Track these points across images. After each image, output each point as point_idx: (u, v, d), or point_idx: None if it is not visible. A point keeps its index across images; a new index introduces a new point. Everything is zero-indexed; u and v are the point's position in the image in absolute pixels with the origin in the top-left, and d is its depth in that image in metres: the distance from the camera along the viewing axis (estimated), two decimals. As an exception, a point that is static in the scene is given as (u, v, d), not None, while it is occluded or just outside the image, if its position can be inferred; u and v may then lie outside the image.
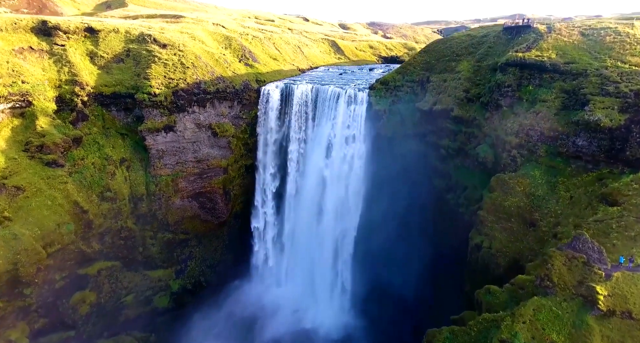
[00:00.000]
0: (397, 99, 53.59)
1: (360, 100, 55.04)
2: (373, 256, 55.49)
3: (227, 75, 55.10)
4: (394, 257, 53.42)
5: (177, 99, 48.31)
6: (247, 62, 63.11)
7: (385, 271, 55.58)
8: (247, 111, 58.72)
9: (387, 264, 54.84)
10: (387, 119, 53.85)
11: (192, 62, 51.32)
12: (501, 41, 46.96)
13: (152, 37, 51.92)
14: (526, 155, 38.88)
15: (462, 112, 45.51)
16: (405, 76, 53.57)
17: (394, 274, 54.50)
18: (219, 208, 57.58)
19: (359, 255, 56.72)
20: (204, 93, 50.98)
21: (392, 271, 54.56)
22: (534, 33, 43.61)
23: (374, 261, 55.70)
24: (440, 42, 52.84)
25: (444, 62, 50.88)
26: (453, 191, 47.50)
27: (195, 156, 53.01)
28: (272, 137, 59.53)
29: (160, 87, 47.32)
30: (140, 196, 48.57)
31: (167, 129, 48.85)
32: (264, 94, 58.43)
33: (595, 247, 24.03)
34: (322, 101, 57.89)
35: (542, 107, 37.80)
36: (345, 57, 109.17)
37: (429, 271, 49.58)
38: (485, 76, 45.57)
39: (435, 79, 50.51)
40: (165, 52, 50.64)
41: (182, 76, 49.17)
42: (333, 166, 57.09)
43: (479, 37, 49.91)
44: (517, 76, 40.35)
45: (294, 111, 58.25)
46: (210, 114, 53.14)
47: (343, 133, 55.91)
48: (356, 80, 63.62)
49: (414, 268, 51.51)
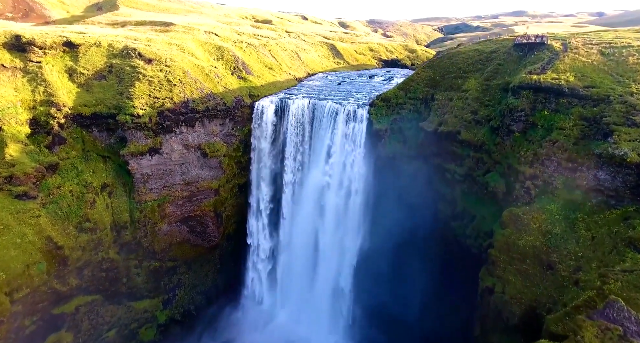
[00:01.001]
0: (399, 117, 50.24)
1: (359, 117, 51.69)
2: (375, 283, 52.28)
3: (218, 91, 51.61)
4: (398, 286, 50.24)
5: (162, 120, 44.84)
6: (240, 75, 59.62)
7: (388, 300, 52.41)
8: (239, 127, 55.31)
9: (390, 292, 51.64)
10: (389, 139, 50.53)
11: (180, 78, 47.82)
12: (512, 58, 43.59)
13: (136, 52, 48.37)
14: (541, 186, 35.64)
15: (470, 136, 42.19)
16: (408, 92, 50.20)
17: (398, 304, 51.30)
18: (210, 232, 54.22)
19: (360, 282, 53.56)
20: (193, 112, 47.52)
21: (396, 300, 51.36)
22: (548, 51, 40.30)
23: (376, 288, 52.50)
24: (446, 56, 49.43)
25: (449, 79, 47.53)
26: (459, 219, 44.22)
27: (183, 179, 49.60)
28: (267, 155, 56.23)
29: (145, 108, 43.82)
30: (123, 224, 45.14)
31: (152, 152, 45.39)
32: (258, 110, 55.05)
33: (633, 317, 20.81)
34: (320, 117, 54.54)
35: (559, 135, 34.50)
36: (345, 62, 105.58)
37: (435, 304, 46.40)
38: (495, 96, 42.25)
39: (440, 98, 47.16)
40: (151, 68, 47.10)
41: (168, 95, 45.66)
42: (331, 186, 53.89)
43: (488, 53, 46.53)
44: (531, 100, 37.05)
45: (289, 128, 54.92)
46: (200, 134, 49.69)
47: (342, 152, 52.69)
48: (355, 92, 60.29)
49: (419, 299, 48.37)
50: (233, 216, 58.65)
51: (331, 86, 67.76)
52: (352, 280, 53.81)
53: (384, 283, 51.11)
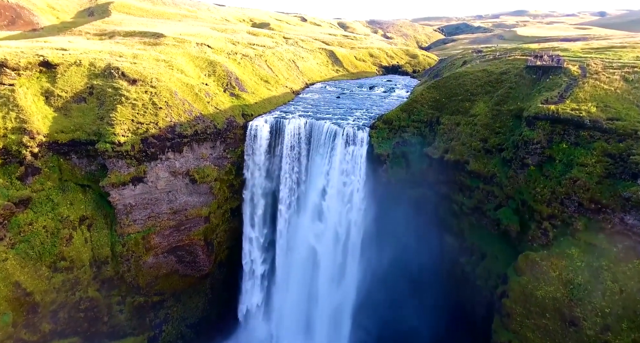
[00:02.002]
0: (402, 141, 46.96)
1: (359, 140, 48.38)
2: (376, 320, 48.93)
3: (208, 112, 48.21)
4: (400, 326, 46.85)
5: (146, 147, 41.41)
6: (232, 92, 56.21)
7: (391, 335, 49.02)
8: (232, 149, 51.87)
9: (392, 334, 48.21)
10: (391, 164, 47.23)
11: (166, 100, 44.41)
12: (524, 81, 40.38)
13: (120, 71, 44.96)
14: (560, 227, 32.36)
15: (480, 167, 38.93)
16: (412, 114, 46.94)
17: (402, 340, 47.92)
18: (200, 261, 50.72)
19: (361, 314, 50.22)
20: (180, 137, 44.12)
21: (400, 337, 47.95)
22: (565, 75, 37.09)
23: (377, 324, 49.15)
24: (452, 78, 46.18)
25: (456, 102, 44.28)
26: (467, 255, 40.93)
27: (170, 207, 46.15)
28: (261, 179, 52.82)
29: (127, 135, 40.40)
30: (104, 259, 41.71)
31: (135, 181, 41.97)
32: (251, 130, 51.64)
33: None
34: (317, 139, 51.21)
35: (581, 173, 31.25)
36: (344, 69, 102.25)
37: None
38: (507, 123, 39.01)
39: (447, 122, 43.91)
40: (135, 89, 43.69)
41: (153, 119, 42.25)
42: (329, 213, 50.56)
43: (497, 74, 43.30)
44: (548, 131, 33.79)
45: (285, 150, 51.52)
46: (188, 159, 46.28)
47: (340, 177, 49.36)
48: (355, 109, 57.02)
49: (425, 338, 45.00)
50: (225, 241, 55.21)
51: (330, 101, 64.56)
52: (352, 312, 50.52)
53: (386, 323, 47.75)
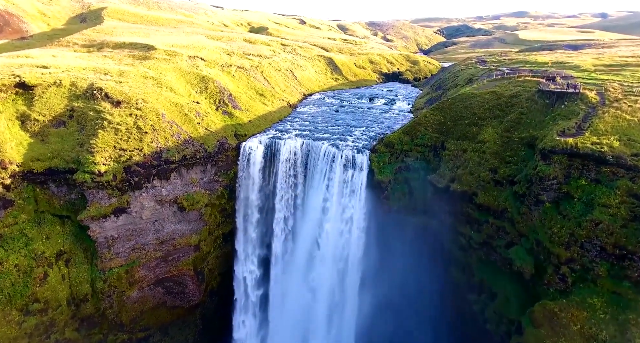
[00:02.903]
0: (405, 166, 44.12)
1: (359, 165, 45.51)
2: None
3: (198, 134, 45.26)
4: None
5: (129, 176, 38.42)
6: (225, 110, 53.30)
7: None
8: (224, 171, 48.91)
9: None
10: (392, 190, 44.36)
11: (152, 124, 41.44)
12: (537, 107, 37.59)
13: (103, 92, 41.99)
14: (579, 272, 29.50)
15: (489, 200, 36.06)
16: (415, 138, 44.09)
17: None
18: (189, 291, 47.67)
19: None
20: (167, 163, 41.15)
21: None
22: (582, 102, 34.31)
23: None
24: (458, 99, 43.37)
25: (462, 126, 41.46)
26: (476, 293, 37.99)
27: (157, 237, 43.12)
28: (255, 204, 49.84)
29: (108, 163, 37.40)
30: (83, 296, 38.63)
31: (117, 212, 38.95)
32: (244, 152, 48.72)
33: None
34: (314, 162, 48.33)
35: (603, 214, 28.41)
36: (343, 78, 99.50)
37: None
38: (518, 153, 36.19)
39: (452, 147, 41.08)
40: (118, 112, 40.72)
41: (137, 145, 39.27)
42: (327, 242, 47.63)
43: (507, 97, 40.50)
44: (565, 166, 30.97)
45: (280, 173, 48.60)
46: (176, 186, 43.29)
47: (339, 203, 46.46)
48: (354, 127, 54.18)
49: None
50: (217, 268, 52.17)
51: (328, 115, 61.81)
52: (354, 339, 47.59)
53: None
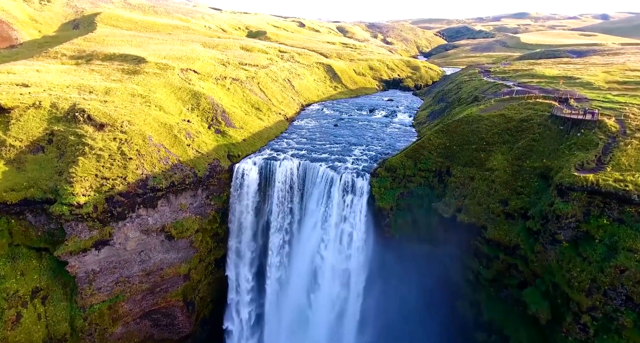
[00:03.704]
0: (407, 192, 41.50)
1: (359, 189, 42.87)
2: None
3: (188, 157, 42.55)
4: None
5: (112, 207, 35.66)
6: (218, 128, 50.62)
7: None
8: (216, 194, 46.18)
9: None
10: (394, 218, 41.77)
11: (138, 148, 38.71)
12: (550, 133, 35.01)
13: (85, 114, 39.27)
14: (602, 321, 26.86)
15: (499, 235, 33.40)
16: (418, 162, 41.45)
17: None
18: (179, 323, 44.87)
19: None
20: (153, 191, 38.40)
21: None
22: (601, 131, 31.73)
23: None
24: (464, 122, 40.77)
25: (469, 151, 38.86)
26: (484, 332, 35.30)
27: (143, 268, 40.33)
28: (248, 229, 47.13)
29: (89, 193, 34.64)
30: (61, 336, 35.78)
31: (99, 245, 36.16)
32: (238, 174, 45.99)
33: None
34: (311, 184, 45.73)
35: (629, 261, 25.78)
36: (342, 86, 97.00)
37: None
38: (530, 183, 33.57)
39: (458, 174, 38.45)
40: (102, 136, 37.98)
41: (121, 173, 36.52)
42: (324, 269, 44.97)
43: (517, 121, 37.91)
44: (584, 203, 28.35)
45: (275, 197, 45.92)
46: (164, 213, 40.53)
47: (337, 230, 43.82)
48: (354, 145, 51.73)
49: None
50: (209, 295, 49.40)
51: (326, 130, 59.33)
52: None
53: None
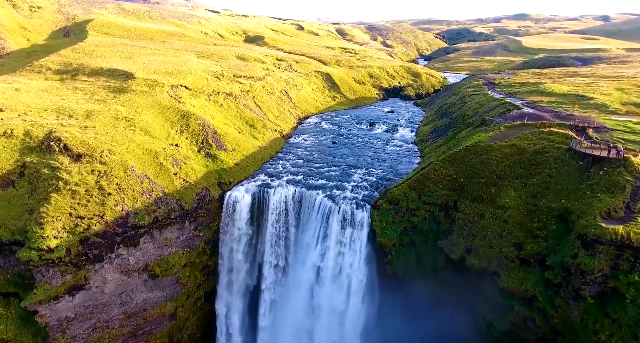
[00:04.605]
0: (411, 227, 38.40)
1: (359, 222, 39.82)
2: None
3: (174, 188, 39.36)
4: None
5: (87, 249, 32.41)
6: (209, 152, 47.48)
7: None
8: (206, 224, 43.02)
9: None
10: (397, 254, 38.65)
11: (118, 181, 35.49)
12: (568, 170, 31.99)
13: (62, 144, 36.07)
14: (633, 393, 23.83)
15: (514, 283, 30.29)
16: (423, 194, 38.35)
17: None
18: (164, 364, 41.65)
19: None
20: (135, 228, 35.17)
21: None
22: (627, 171, 28.70)
23: None
24: (472, 152, 37.73)
25: (478, 185, 35.78)
26: (497, 388, 32.21)
27: (124, 311, 37.07)
28: (239, 264, 43.96)
29: (61, 235, 31.39)
30: (31, 392, 32.48)
31: (73, 291, 32.90)
32: (229, 204, 42.87)
33: None
34: (308, 214, 42.69)
35: (666, 327, 22.79)
36: (341, 96, 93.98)
37: None
38: (548, 225, 30.50)
39: (467, 210, 35.35)
40: (78, 169, 34.76)
41: (98, 210, 33.27)
42: (320, 308, 41.84)
43: (531, 154, 34.87)
44: (612, 256, 25.33)
45: (269, 228, 42.84)
46: (147, 251, 37.30)
47: (335, 265, 40.73)
48: (353, 167, 48.95)
49: None
50: (198, 330, 46.16)
51: (324, 149, 56.50)
52: None
53: None
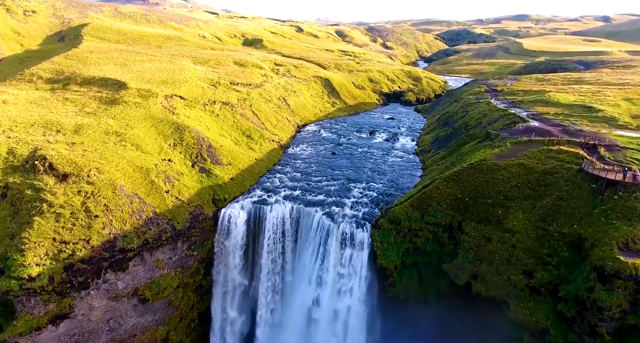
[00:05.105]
0: (414, 248, 36.69)
1: (359, 242, 38.17)
2: None
3: (166, 207, 37.59)
4: None
5: (72, 276, 30.62)
6: (203, 167, 45.77)
7: None
8: (199, 243, 41.30)
9: None
10: (399, 276, 36.94)
11: (106, 202, 33.73)
12: (579, 192, 30.33)
13: (47, 162, 34.30)
14: None
15: (524, 314, 28.59)
16: (426, 214, 36.63)
17: None
18: (155, 390, 39.82)
19: None
20: (123, 252, 33.40)
21: None
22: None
23: None
24: (477, 170, 36.04)
25: (484, 206, 34.08)
26: None
27: (112, 338, 35.24)
28: (235, 285, 42.23)
29: (44, 262, 29.60)
30: None
31: (57, 320, 31.11)
32: (224, 222, 41.15)
33: None
34: (306, 232, 41.09)
35: (692, 372, 21.15)
36: (341, 102, 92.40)
37: None
38: (559, 252, 28.83)
39: (473, 232, 33.65)
40: (64, 190, 32.99)
41: (84, 235, 31.49)
42: (318, 333, 40.08)
43: (539, 173, 33.18)
44: (632, 291, 23.70)
45: (265, 247, 41.20)
46: (137, 274, 35.50)
47: (334, 287, 39.05)
48: (353, 181, 47.47)
49: None
50: (192, 351, 44.43)
51: (323, 160, 55.12)
52: None
53: None
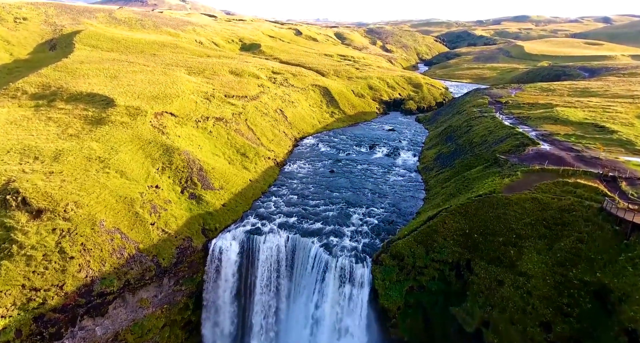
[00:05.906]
0: (418, 286, 33.93)
1: (359, 279, 35.52)
2: None
3: (151, 242, 34.83)
4: None
5: (42, 328, 27.77)
6: (193, 193, 43.09)
7: None
8: (188, 277, 38.55)
9: None
10: (402, 318, 34.16)
11: (84, 241, 30.94)
12: (602, 234, 27.66)
13: (20, 197, 31.51)
14: None
15: (543, 373, 25.95)
16: (431, 251, 33.93)
17: None
18: None
19: None
20: (101, 296, 30.60)
21: None
22: (675, 245, 24.46)
23: None
24: (486, 203, 33.36)
25: (494, 244, 31.41)
26: None
27: (91, 387, 32.44)
28: (226, 322, 39.44)
29: (11, 313, 26.74)
30: None
31: (27, 375, 28.28)
32: (214, 255, 38.53)
33: None
34: (302, 265, 38.49)
35: None
36: (340, 112, 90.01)
37: None
38: (580, 302, 26.12)
39: (482, 273, 30.95)
40: (37, 228, 30.20)
41: (57, 279, 28.66)
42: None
43: (555, 210, 30.50)
44: (667, 358, 21.06)
45: (259, 280, 38.56)
46: (118, 318, 32.66)
47: (333, 327, 36.31)
48: (352, 206, 45.26)
49: None
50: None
51: (321, 179, 52.92)
52: None
53: None
